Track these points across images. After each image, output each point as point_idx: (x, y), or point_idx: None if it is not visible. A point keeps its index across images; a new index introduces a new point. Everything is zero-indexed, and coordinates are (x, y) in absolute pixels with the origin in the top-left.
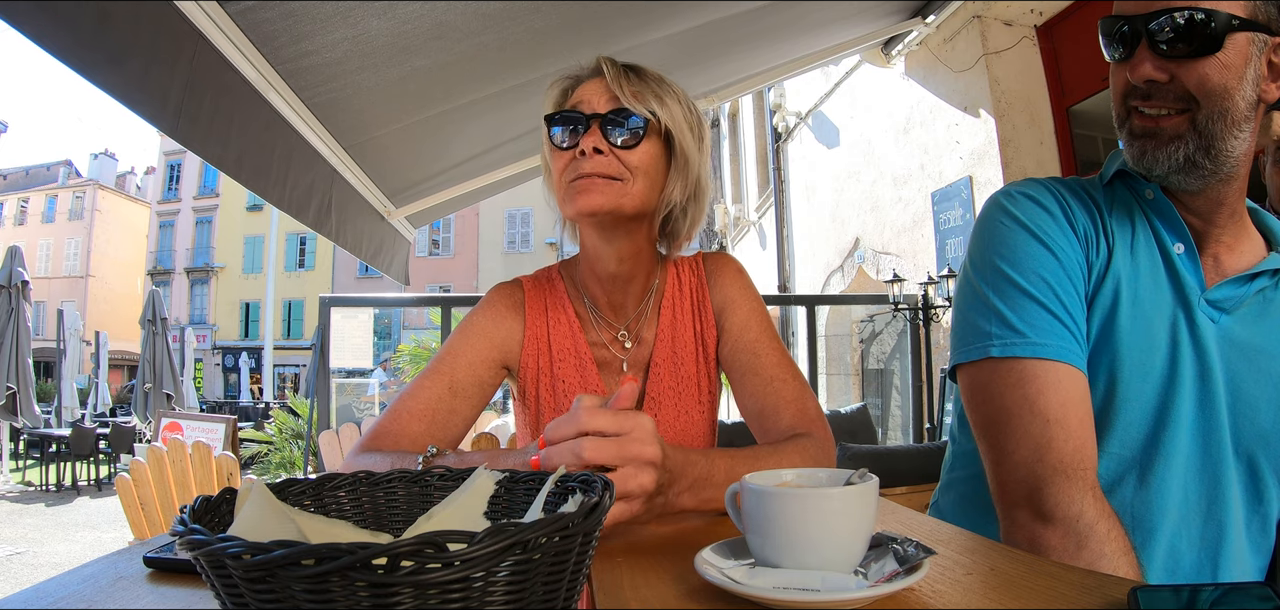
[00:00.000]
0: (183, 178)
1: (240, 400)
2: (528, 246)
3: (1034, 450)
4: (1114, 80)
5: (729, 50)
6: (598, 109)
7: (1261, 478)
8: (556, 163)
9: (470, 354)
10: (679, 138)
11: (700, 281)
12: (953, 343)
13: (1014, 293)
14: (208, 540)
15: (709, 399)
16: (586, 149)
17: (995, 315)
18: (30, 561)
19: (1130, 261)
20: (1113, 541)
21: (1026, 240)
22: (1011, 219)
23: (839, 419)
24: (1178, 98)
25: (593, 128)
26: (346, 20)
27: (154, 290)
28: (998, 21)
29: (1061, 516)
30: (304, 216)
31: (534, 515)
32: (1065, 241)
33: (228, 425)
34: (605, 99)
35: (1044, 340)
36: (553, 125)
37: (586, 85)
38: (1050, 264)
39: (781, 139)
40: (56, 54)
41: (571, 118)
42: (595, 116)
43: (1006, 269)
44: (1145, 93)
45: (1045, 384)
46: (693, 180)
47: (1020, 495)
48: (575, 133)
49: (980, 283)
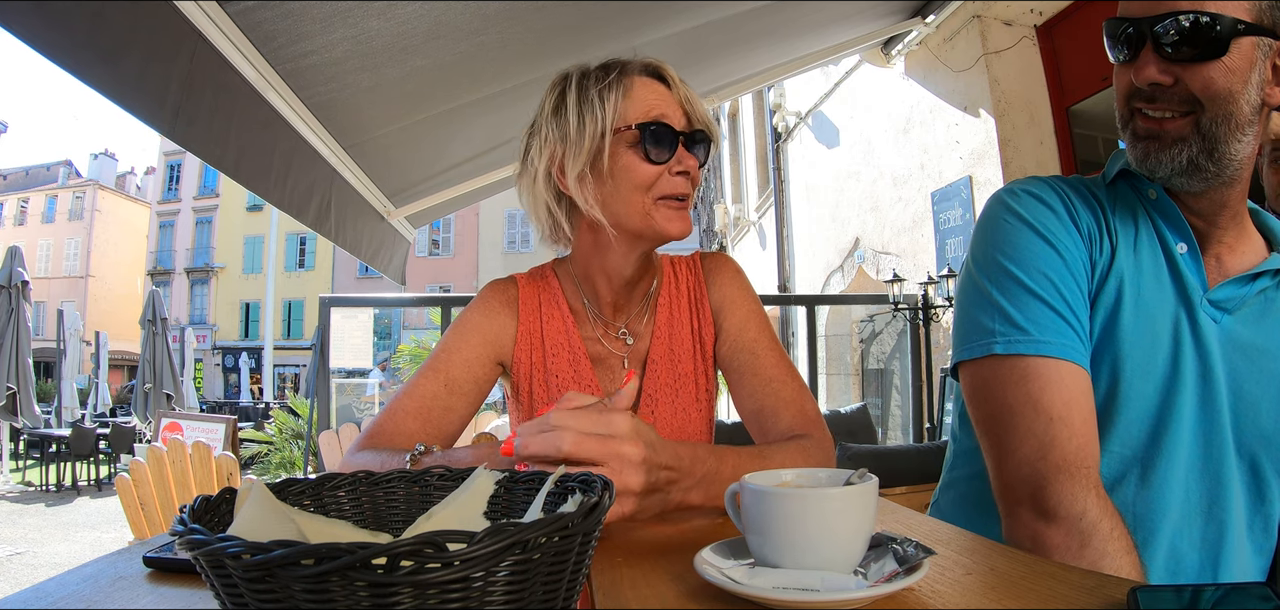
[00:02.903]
0: (183, 178)
1: (240, 400)
2: (527, 246)
3: (1037, 448)
4: (1117, 81)
5: (729, 50)
6: (680, 126)
7: (1264, 478)
8: (642, 174)
9: (466, 351)
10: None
11: (698, 281)
12: (955, 340)
13: (1017, 290)
14: (207, 540)
15: (706, 397)
16: (691, 169)
17: (999, 312)
18: (30, 561)
19: (1133, 260)
20: (1115, 540)
21: (1030, 237)
22: (1015, 216)
23: (839, 419)
24: (1182, 100)
25: (690, 149)
26: (346, 20)
27: (154, 290)
28: (997, 21)
29: (1064, 515)
30: (304, 217)
31: (533, 515)
32: (1069, 239)
33: (228, 425)
34: (681, 115)
35: (1047, 338)
36: (647, 136)
37: (656, 90)
38: (1054, 261)
39: (781, 139)
40: (49, 54)
41: (668, 134)
42: (681, 134)
43: (1010, 265)
44: (1149, 95)
45: (1048, 382)
46: None
47: (1023, 493)
48: (671, 150)
49: (983, 280)
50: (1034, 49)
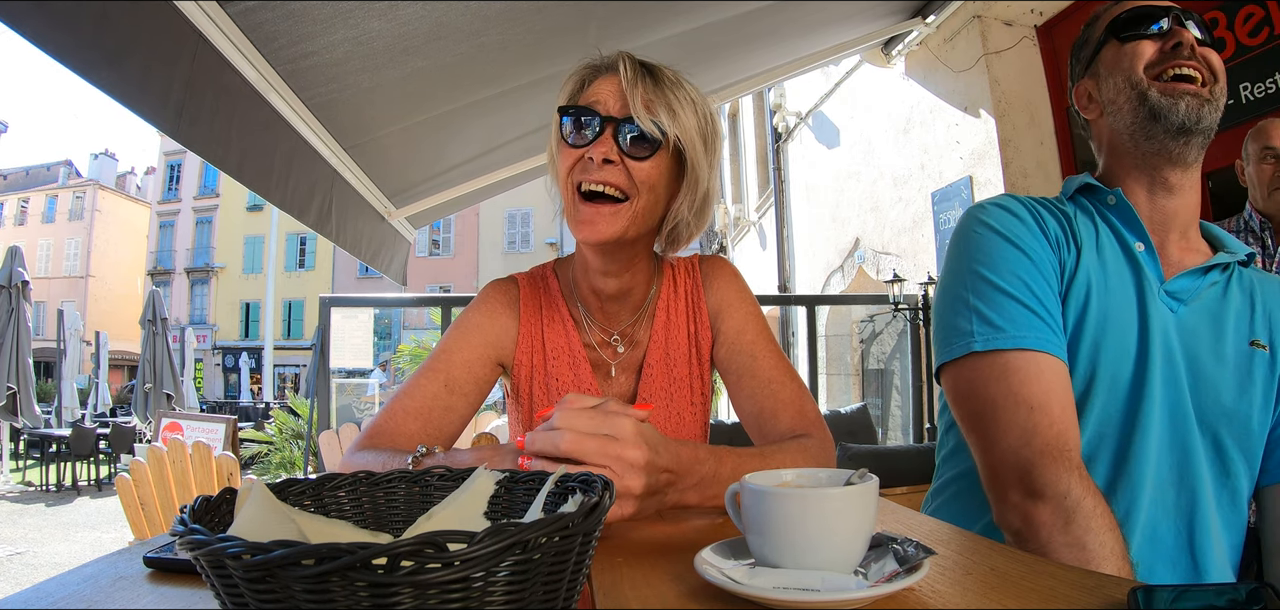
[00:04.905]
0: (183, 178)
1: (240, 400)
2: (528, 246)
3: (1021, 436)
4: (1137, 54)
5: (729, 50)
6: (612, 111)
7: (1226, 452)
8: (563, 159)
9: (466, 352)
10: (690, 154)
11: (696, 284)
12: (936, 347)
13: (992, 292)
14: (207, 540)
15: (701, 400)
16: (595, 158)
17: (975, 314)
18: (30, 562)
19: (1097, 259)
20: (1099, 517)
21: (1001, 245)
22: (986, 228)
23: (839, 419)
24: (1205, 64)
25: (605, 133)
26: (347, 21)
27: (154, 290)
28: (998, 21)
29: (1052, 493)
30: (305, 217)
31: (534, 515)
32: (1038, 245)
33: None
34: (620, 102)
35: (1022, 333)
36: (565, 116)
37: (605, 81)
38: (1025, 264)
39: (781, 139)
40: (55, 55)
41: (586, 114)
42: (610, 120)
43: (984, 271)
44: (1188, 55)
45: (1027, 374)
46: (701, 195)
47: (1011, 478)
48: (587, 133)
49: (959, 288)
50: (1034, 49)
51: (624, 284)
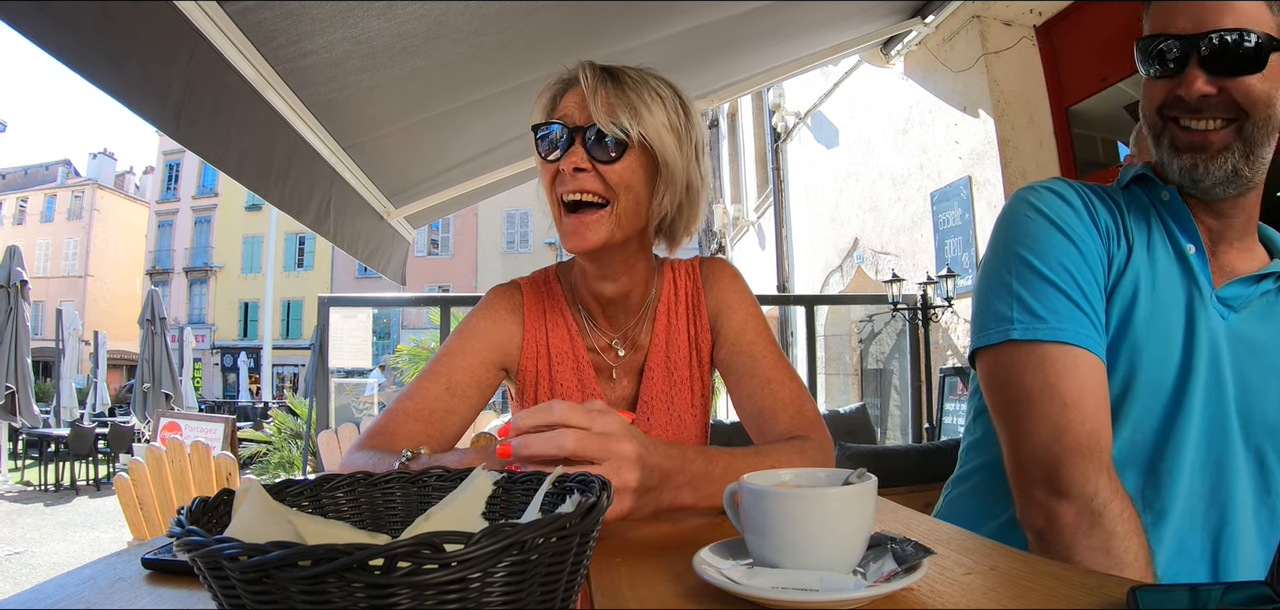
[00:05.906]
0: (181, 177)
1: (239, 400)
2: (527, 246)
3: (1052, 431)
4: (1150, 94)
5: (729, 50)
6: (577, 120)
7: (1269, 469)
8: (544, 174)
9: (469, 356)
10: (660, 150)
11: (696, 286)
12: (973, 328)
13: (1036, 280)
14: (204, 542)
15: (702, 402)
16: (567, 168)
17: (1017, 301)
18: (29, 561)
19: (1148, 259)
20: (1125, 522)
21: (1050, 231)
22: (1036, 211)
23: (838, 419)
24: (1227, 108)
25: (574, 144)
26: (346, 20)
27: (153, 290)
28: (997, 21)
29: (1077, 493)
30: (304, 217)
31: (531, 516)
32: (1087, 235)
33: (226, 425)
34: (584, 110)
35: (1064, 325)
36: (537, 133)
37: (571, 93)
38: (1072, 254)
39: (781, 139)
40: (56, 54)
41: (553, 128)
42: (577, 129)
43: (1029, 257)
44: (1195, 106)
45: (1064, 368)
46: (681, 186)
47: (1037, 474)
48: (557, 147)
49: (1003, 270)
50: (1033, 49)
51: (622, 287)
